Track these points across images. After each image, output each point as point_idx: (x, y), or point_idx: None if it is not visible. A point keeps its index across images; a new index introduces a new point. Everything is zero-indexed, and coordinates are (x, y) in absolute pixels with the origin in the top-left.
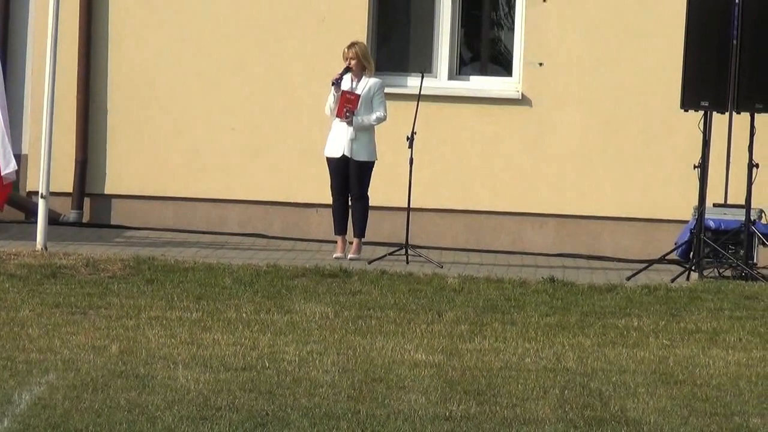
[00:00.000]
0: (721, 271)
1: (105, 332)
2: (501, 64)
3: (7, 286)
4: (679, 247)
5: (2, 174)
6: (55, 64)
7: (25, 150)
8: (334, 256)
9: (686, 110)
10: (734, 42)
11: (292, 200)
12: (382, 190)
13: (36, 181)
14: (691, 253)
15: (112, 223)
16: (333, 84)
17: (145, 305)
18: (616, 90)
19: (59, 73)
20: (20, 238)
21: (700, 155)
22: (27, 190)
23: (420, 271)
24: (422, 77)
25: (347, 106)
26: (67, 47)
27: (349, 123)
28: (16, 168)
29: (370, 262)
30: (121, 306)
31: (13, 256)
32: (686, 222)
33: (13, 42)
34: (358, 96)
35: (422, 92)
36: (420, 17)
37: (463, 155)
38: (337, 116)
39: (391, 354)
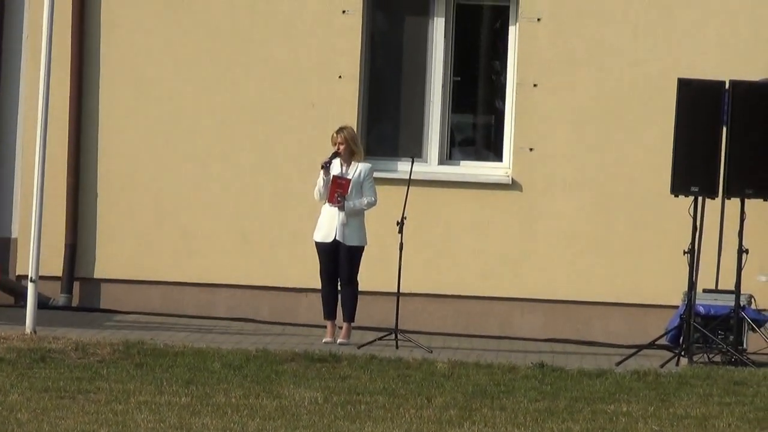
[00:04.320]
0: (710, 356)
1: (94, 417)
2: (491, 149)
3: None
4: (668, 332)
5: None
6: (44, 148)
7: (14, 234)
8: (323, 340)
9: (676, 195)
10: (724, 128)
11: (281, 285)
12: (371, 275)
13: (25, 265)
14: (681, 339)
15: (102, 307)
16: (322, 167)
17: (134, 389)
18: (606, 175)
19: (49, 157)
20: (9, 322)
21: (690, 240)
22: (17, 274)
23: (409, 356)
24: (412, 162)
25: (338, 191)
26: (57, 132)
27: (341, 208)
28: None
29: (359, 347)
30: (111, 390)
31: (2, 340)
32: (676, 307)
33: (3, 126)
34: (349, 181)
35: (412, 177)
36: (410, 102)
37: (453, 240)
38: (328, 201)
39: None
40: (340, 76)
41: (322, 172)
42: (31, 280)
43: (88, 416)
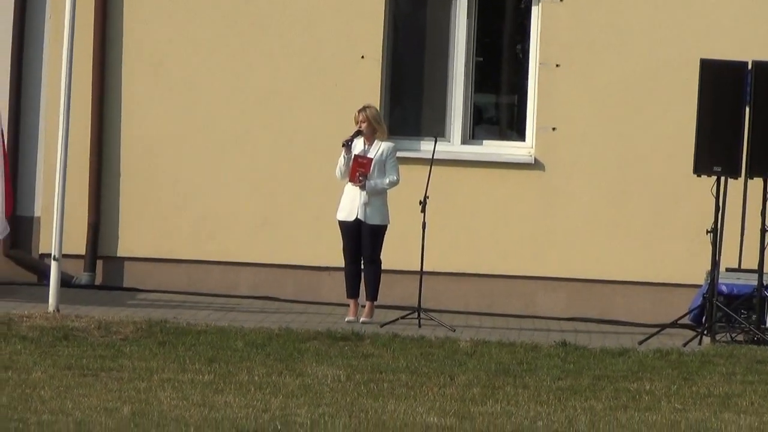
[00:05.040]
0: (733, 335)
1: (117, 394)
2: (514, 129)
3: (19, 348)
4: (691, 311)
5: None
6: (68, 127)
7: (37, 212)
8: (346, 319)
9: (699, 175)
10: (747, 107)
11: (304, 263)
12: (394, 254)
13: (48, 244)
14: (704, 318)
15: (125, 285)
16: (344, 145)
17: (157, 367)
18: (628, 154)
19: (72, 136)
20: (32, 301)
21: (713, 220)
22: (39, 252)
23: (432, 335)
24: (435, 142)
25: (360, 170)
26: (80, 111)
27: (362, 187)
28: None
29: (382, 326)
30: (133, 368)
31: (25, 318)
32: (699, 286)
33: (26, 105)
34: (371, 160)
35: (435, 156)
36: (433, 82)
37: (476, 219)
38: (350, 181)
39: (403, 417)
40: (362, 57)
41: (343, 150)
42: (54, 259)
43: (110, 394)
